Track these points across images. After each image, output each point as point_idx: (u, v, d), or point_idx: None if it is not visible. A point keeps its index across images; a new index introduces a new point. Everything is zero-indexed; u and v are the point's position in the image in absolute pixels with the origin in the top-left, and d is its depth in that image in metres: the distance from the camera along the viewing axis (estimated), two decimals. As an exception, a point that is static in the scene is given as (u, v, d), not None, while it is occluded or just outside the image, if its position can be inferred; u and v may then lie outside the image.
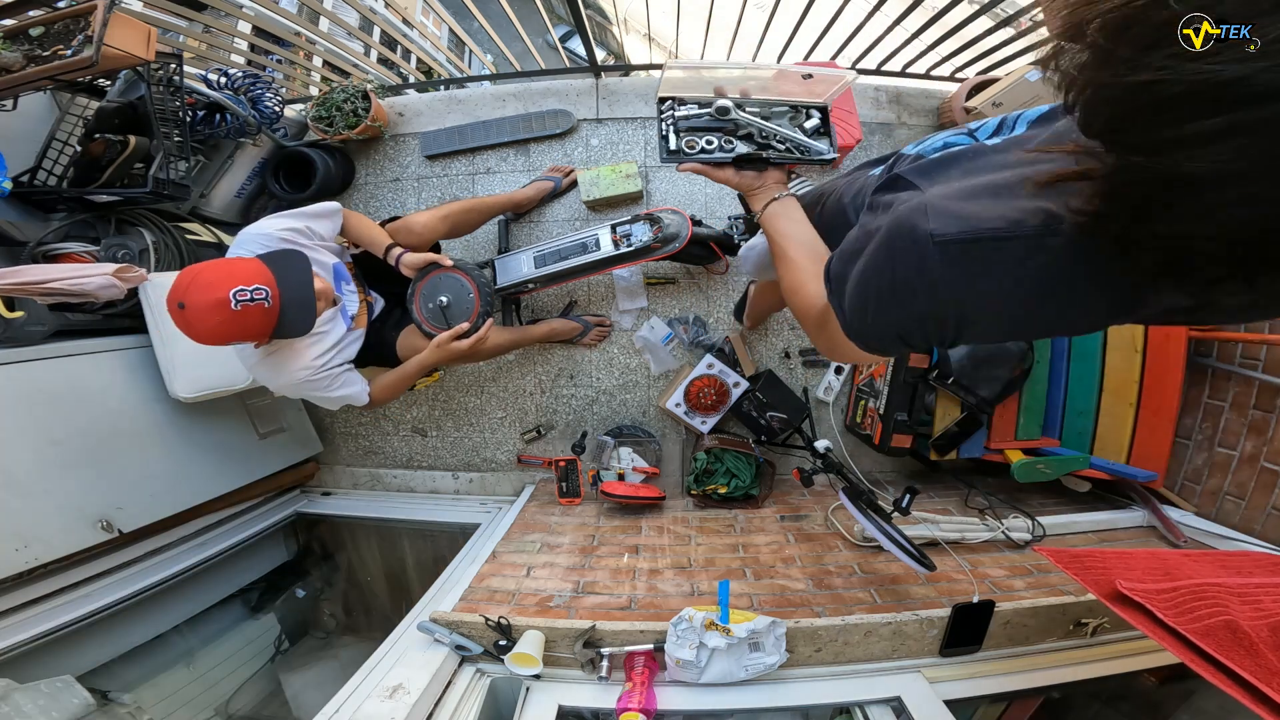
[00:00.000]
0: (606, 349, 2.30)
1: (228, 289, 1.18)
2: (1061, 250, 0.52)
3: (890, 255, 0.61)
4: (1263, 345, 1.66)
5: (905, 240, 0.59)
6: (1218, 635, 0.85)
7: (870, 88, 2.30)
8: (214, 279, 1.19)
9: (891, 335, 0.66)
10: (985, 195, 0.58)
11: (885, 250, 0.62)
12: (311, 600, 2.40)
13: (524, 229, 2.26)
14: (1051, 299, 0.55)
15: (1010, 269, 0.54)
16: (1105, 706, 1.41)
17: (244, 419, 2.05)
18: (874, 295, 0.65)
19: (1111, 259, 0.49)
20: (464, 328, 1.61)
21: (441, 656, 1.23)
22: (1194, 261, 0.43)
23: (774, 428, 2.09)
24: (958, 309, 0.59)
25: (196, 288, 1.18)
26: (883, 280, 0.63)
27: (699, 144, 1.03)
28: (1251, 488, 1.65)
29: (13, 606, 1.46)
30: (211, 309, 1.18)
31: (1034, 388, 1.99)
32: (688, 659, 1.16)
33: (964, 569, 1.47)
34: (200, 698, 1.79)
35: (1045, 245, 0.52)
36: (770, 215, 0.97)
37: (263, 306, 1.22)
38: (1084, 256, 0.51)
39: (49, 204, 1.81)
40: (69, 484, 1.54)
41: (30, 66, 1.43)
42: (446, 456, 2.42)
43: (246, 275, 1.22)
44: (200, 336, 1.22)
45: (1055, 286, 0.54)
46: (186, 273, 1.22)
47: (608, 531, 1.83)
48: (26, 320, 1.55)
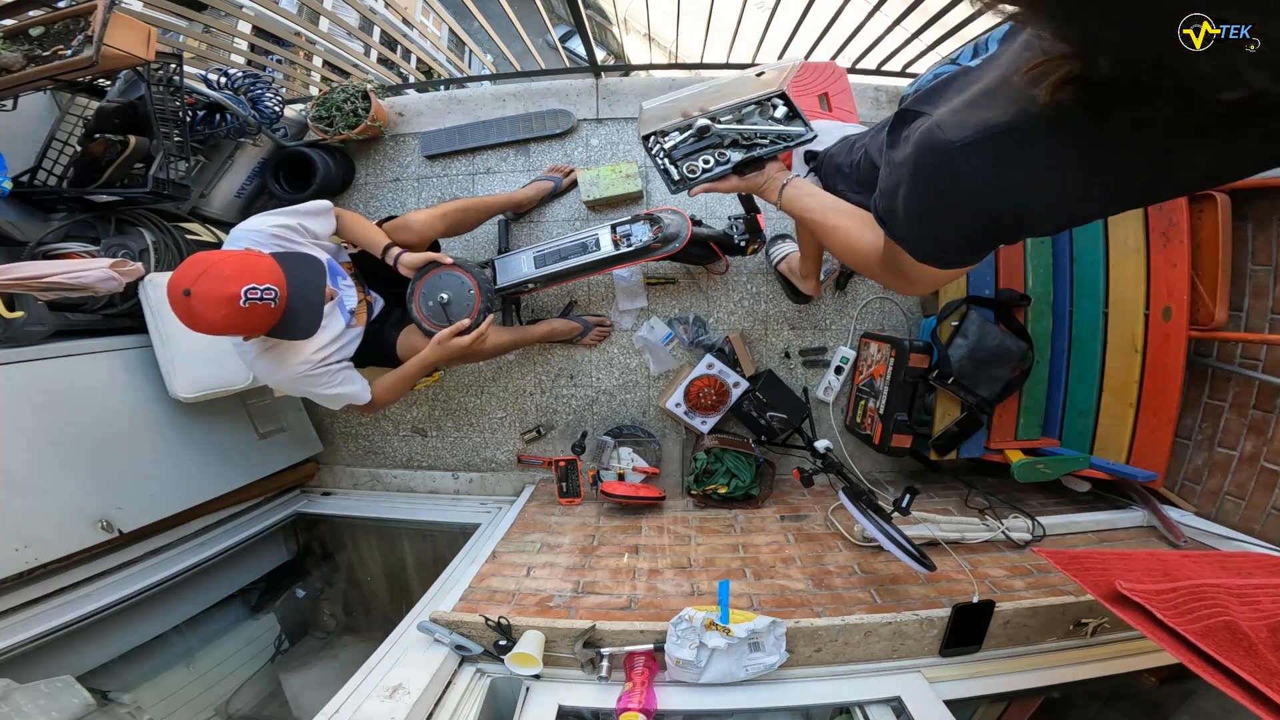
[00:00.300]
0: (606, 349, 2.30)
1: (240, 285, 1.18)
2: (1072, 122, 0.55)
3: (926, 175, 0.66)
4: (1263, 345, 1.66)
5: (932, 157, 0.64)
6: (1217, 636, 0.85)
7: (870, 88, 2.30)
8: (229, 273, 1.18)
9: (958, 244, 0.71)
10: (986, 100, 0.63)
11: (919, 173, 0.67)
12: (311, 600, 2.40)
13: (524, 229, 2.26)
14: (1080, 171, 0.59)
15: (1033, 154, 0.59)
16: (1105, 706, 1.41)
17: (244, 419, 2.05)
18: (928, 215, 0.70)
19: (1118, 114, 0.52)
20: (465, 324, 1.61)
21: (441, 656, 1.23)
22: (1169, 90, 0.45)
23: (774, 428, 2.09)
24: (1004, 203, 0.63)
25: (209, 279, 1.17)
26: (926, 199, 0.68)
27: (699, 166, 1.10)
28: (1251, 488, 1.65)
29: (13, 606, 1.46)
30: (219, 302, 1.17)
31: (1034, 388, 1.99)
32: (688, 659, 1.16)
33: (964, 569, 1.47)
34: (200, 698, 1.79)
35: (1056, 123, 0.56)
36: (790, 198, 1.03)
37: (269, 307, 1.22)
38: (1092, 125, 0.55)
39: (49, 204, 1.81)
40: (69, 484, 1.54)
41: (30, 66, 1.43)
42: (446, 456, 2.42)
43: (260, 273, 1.22)
44: (198, 326, 1.21)
45: (1079, 159, 0.58)
46: (199, 260, 1.19)
47: (608, 531, 1.83)
48: (26, 320, 1.55)
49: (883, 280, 0.90)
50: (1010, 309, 1.94)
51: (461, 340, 1.59)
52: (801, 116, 1.12)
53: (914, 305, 2.29)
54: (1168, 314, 1.73)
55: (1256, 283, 1.68)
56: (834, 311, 2.29)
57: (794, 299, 2.22)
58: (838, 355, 2.26)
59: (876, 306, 2.29)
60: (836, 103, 2.01)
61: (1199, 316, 1.70)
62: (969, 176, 0.62)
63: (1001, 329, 1.92)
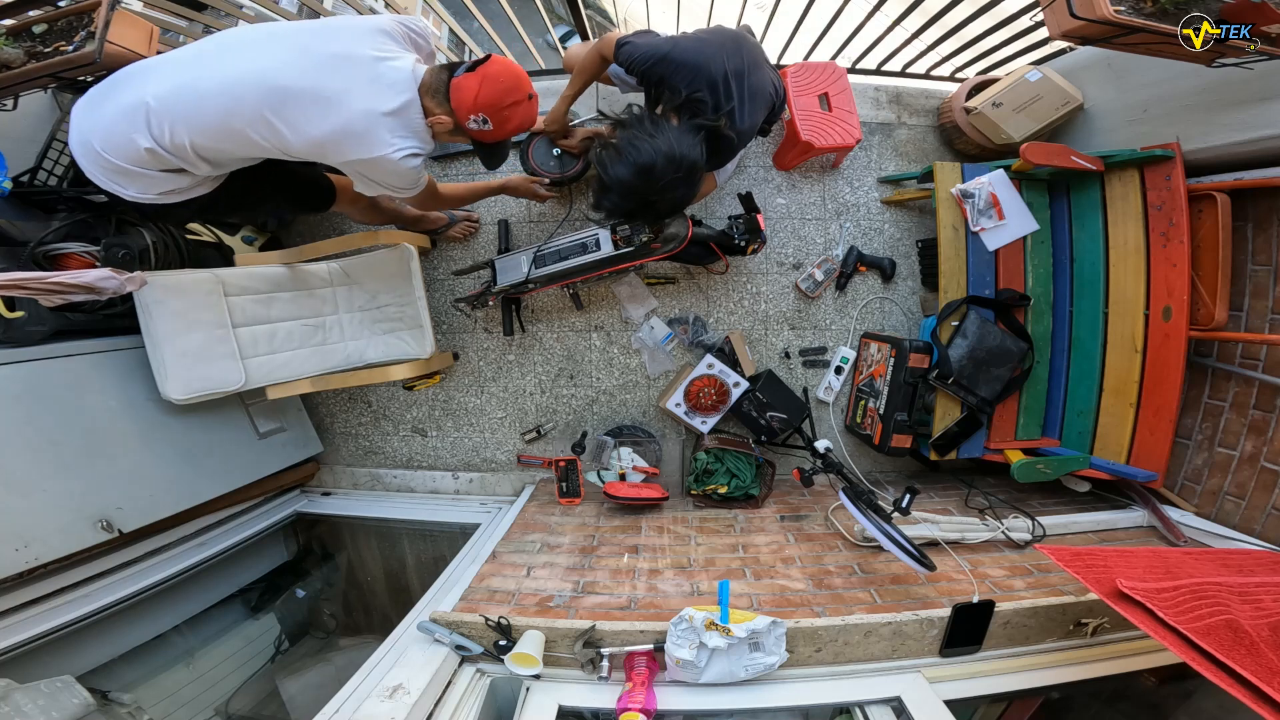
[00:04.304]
0: (607, 349, 2.30)
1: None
2: None
3: None
4: (1263, 345, 1.66)
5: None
6: (1218, 634, 0.85)
7: (870, 88, 2.30)
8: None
9: None
10: None
11: None
12: (311, 600, 2.40)
13: (524, 229, 2.26)
14: None
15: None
16: (1105, 706, 1.41)
17: (244, 419, 2.05)
18: None
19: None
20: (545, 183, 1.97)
21: (441, 656, 1.23)
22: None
23: (774, 428, 2.09)
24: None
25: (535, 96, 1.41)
26: None
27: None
28: (1251, 488, 1.65)
29: (13, 606, 1.46)
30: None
31: (1034, 388, 1.99)
32: (688, 659, 1.16)
33: (964, 569, 1.47)
34: (200, 698, 1.79)
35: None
36: None
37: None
38: None
39: (49, 204, 1.80)
40: (69, 484, 1.54)
41: (32, 63, 1.43)
42: (446, 456, 2.42)
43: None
44: (523, 125, 1.42)
45: None
46: (517, 71, 1.37)
47: (607, 531, 1.83)
48: (26, 320, 1.55)
49: None
50: (1010, 309, 1.94)
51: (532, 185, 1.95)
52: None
53: (914, 305, 2.30)
54: (1168, 314, 1.73)
55: (1256, 283, 1.68)
56: (834, 311, 2.29)
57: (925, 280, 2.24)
58: (838, 355, 2.27)
59: (876, 306, 2.29)
60: (836, 103, 2.02)
61: (1199, 316, 1.70)
62: None
63: (1001, 329, 1.92)
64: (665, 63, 1.51)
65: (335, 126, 1.28)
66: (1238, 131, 1.58)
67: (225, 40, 1.33)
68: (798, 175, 2.26)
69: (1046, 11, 1.40)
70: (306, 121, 1.27)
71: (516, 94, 1.35)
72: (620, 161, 1.46)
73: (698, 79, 1.50)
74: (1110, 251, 1.86)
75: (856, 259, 2.22)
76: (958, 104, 2.13)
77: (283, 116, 1.26)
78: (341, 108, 1.27)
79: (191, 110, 1.25)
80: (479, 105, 1.32)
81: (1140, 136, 1.82)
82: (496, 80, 1.32)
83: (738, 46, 1.58)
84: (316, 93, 1.25)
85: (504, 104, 1.34)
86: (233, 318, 1.76)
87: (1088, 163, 1.78)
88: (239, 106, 1.25)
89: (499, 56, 1.37)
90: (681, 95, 1.51)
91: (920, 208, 2.27)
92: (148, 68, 1.31)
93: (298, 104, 1.26)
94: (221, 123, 1.26)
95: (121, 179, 1.33)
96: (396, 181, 1.42)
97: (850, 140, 1.99)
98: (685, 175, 1.47)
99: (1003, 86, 2.02)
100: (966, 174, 1.94)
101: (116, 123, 1.27)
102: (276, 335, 1.87)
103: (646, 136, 1.45)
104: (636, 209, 1.55)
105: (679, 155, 1.44)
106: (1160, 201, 1.74)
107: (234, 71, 1.25)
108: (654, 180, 1.45)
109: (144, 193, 1.36)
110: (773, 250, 2.27)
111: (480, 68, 1.33)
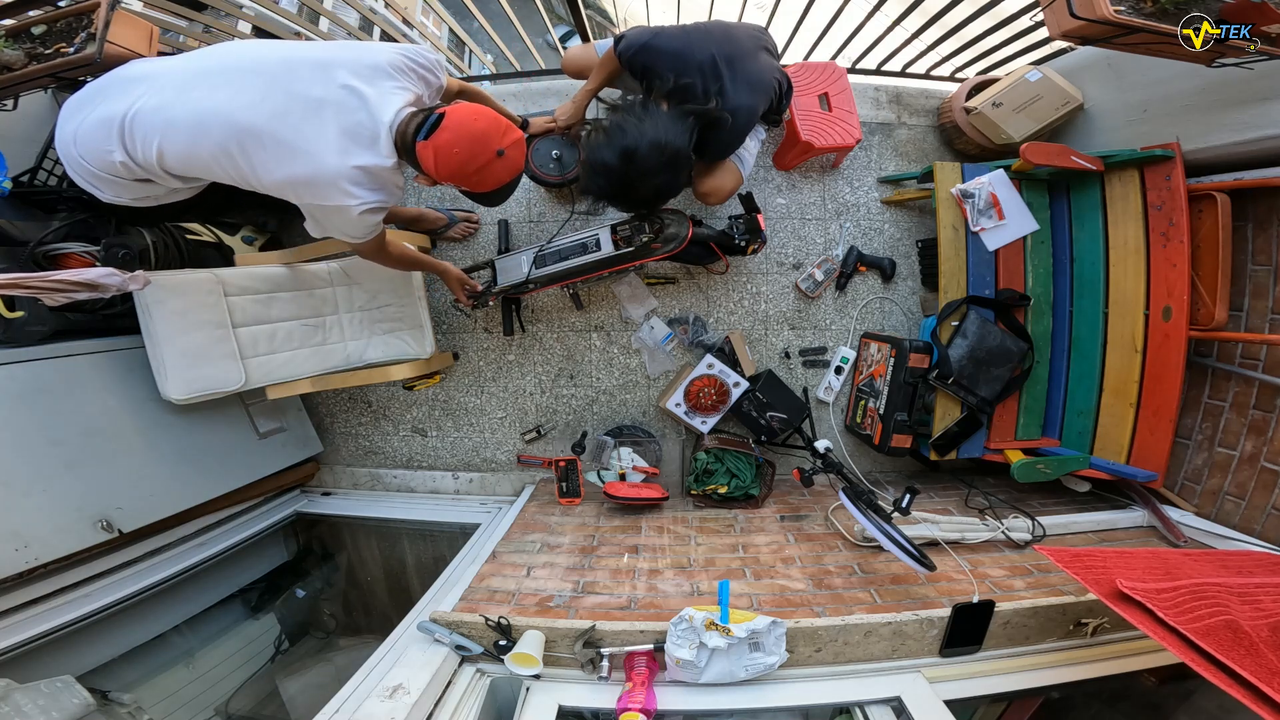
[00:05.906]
0: (607, 349, 2.30)
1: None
2: None
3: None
4: (1263, 345, 1.66)
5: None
6: (1218, 635, 0.85)
7: (870, 88, 2.30)
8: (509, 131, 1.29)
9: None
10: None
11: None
12: (311, 600, 2.40)
13: (524, 229, 2.26)
14: None
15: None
16: (1105, 706, 1.41)
17: (244, 419, 2.05)
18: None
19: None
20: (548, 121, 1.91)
21: (441, 656, 1.23)
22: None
23: (774, 428, 2.09)
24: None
25: (514, 135, 1.27)
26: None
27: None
28: (1251, 488, 1.65)
29: (13, 606, 1.46)
30: (521, 155, 1.33)
31: (1034, 388, 1.99)
32: (688, 659, 1.16)
33: (964, 569, 1.47)
34: (200, 698, 1.79)
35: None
36: None
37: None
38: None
39: (49, 204, 1.80)
40: (69, 484, 1.54)
41: (32, 64, 1.43)
42: (446, 456, 2.42)
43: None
44: (498, 181, 1.30)
45: None
46: (496, 119, 1.25)
47: (607, 531, 1.83)
48: (26, 320, 1.55)
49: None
50: (1010, 309, 1.94)
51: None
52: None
53: (914, 305, 2.30)
54: (1168, 314, 1.73)
55: (1256, 283, 1.68)
56: (834, 311, 2.29)
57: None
58: (838, 355, 2.27)
59: (876, 306, 2.29)
60: (836, 103, 2.02)
61: (1199, 316, 1.70)
62: None
63: (1001, 329, 1.92)
64: (647, 50, 1.54)
65: (297, 173, 1.23)
66: (1238, 131, 1.58)
67: (208, 65, 1.28)
68: (798, 175, 2.27)
69: (1046, 11, 1.40)
70: (272, 163, 1.23)
71: (480, 158, 1.22)
72: (606, 144, 1.48)
73: (683, 64, 1.52)
74: (1110, 251, 1.87)
75: (856, 259, 2.22)
76: (958, 104, 2.13)
77: (247, 155, 1.23)
78: (307, 157, 1.21)
79: (162, 134, 1.24)
80: (442, 177, 1.25)
81: (1140, 136, 1.82)
82: (448, 151, 1.20)
83: (728, 34, 1.60)
84: (283, 138, 1.21)
85: (468, 171, 1.24)
86: (233, 318, 1.76)
87: (1088, 163, 1.78)
88: (205, 140, 1.23)
89: (455, 111, 1.22)
90: (670, 81, 1.53)
91: (920, 208, 2.27)
92: (135, 77, 1.30)
93: (262, 146, 1.21)
94: (187, 151, 1.25)
95: (98, 183, 1.34)
96: (350, 230, 1.36)
97: (850, 140, 1.99)
98: (668, 161, 1.48)
99: (1003, 86, 2.02)
100: (966, 174, 1.94)
101: (95, 131, 1.26)
102: (276, 335, 1.87)
103: (635, 121, 1.46)
104: (618, 192, 1.55)
105: (664, 141, 1.45)
106: (1160, 201, 1.74)
107: (208, 104, 1.22)
108: (635, 164, 1.46)
109: (118, 197, 1.37)
110: (773, 250, 2.27)
111: (433, 135, 1.20)
